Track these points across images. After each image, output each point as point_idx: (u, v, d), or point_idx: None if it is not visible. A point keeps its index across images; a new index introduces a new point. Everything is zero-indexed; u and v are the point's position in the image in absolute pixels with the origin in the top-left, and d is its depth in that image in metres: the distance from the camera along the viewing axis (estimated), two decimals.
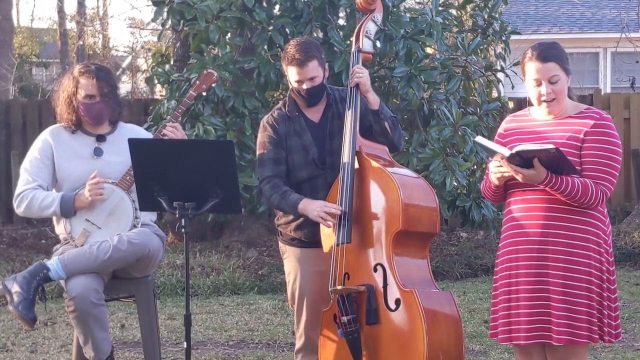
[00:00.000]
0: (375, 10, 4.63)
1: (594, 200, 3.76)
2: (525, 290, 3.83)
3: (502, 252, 3.96)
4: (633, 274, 8.86)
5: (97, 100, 4.68)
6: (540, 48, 3.85)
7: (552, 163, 3.70)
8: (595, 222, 3.82)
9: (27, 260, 9.07)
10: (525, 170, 3.72)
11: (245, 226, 10.05)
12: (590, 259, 3.80)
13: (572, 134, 3.81)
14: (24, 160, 4.79)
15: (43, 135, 4.80)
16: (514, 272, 3.88)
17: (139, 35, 35.01)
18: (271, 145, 4.47)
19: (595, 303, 3.80)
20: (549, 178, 3.72)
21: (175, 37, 9.47)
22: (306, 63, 4.37)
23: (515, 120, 4.03)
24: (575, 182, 3.73)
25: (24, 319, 4.45)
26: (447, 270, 9.00)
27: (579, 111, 3.88)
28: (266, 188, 4.45)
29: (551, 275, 3.79)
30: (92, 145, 4.75)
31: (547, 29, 18.19)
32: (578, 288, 3.78)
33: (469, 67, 8.35)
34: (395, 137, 4.48)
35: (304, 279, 4.50)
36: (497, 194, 3.98)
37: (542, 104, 3.86)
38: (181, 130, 4.71)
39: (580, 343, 3.81)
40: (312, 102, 4.50)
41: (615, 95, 12.38)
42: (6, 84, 16.29)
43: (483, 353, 5.89)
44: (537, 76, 3.82)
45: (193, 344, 6.05)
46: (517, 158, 3.71)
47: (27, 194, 4.67)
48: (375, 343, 4.17)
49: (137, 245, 4.54)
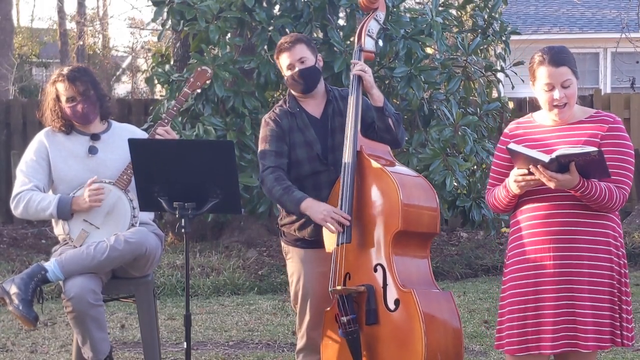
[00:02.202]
0: (378, 9, 4.62)
1: (618, 204, 3.71)
2: (550, 299, 3.73)
3: (515, 260, 3.83)
4: (633, 274, 8.86)
5: (78, 100, 4.68)
6: (552, 52, 3.75)
7: (590, 167, 3.60)
8: (613, 224, 3.78)
9: (27, 260, 9.08)
10: (560, 176, 3.60)
11: (245, 226, 10.05)
12: (612, 262, 3.75)
13: (588, 138, 3.73)
14: (20, 161, 4.80)
15: (38, 136, 4.80)
16: (532, 281, 3.76)
17: (139, 35, 35.10)
18: (273, 138, 4.46)
19: (616, 306, 3.75)
20: (581, 183, 3.63)
21: (175, 37, 9.47)
22: (294, 45, 4.45)
23: (520, 128, 3.92)
24: (603, 187, 3.66)
25: (25, 318, 4.45)
26: (447, 270, 9.00)
27: (589, 115, 3.81)
28: (269, 178, 4.41)
29: (575, 282, 3.71)
30: (87, 144, 4.75)
31: (547, 29, 18.20)
32: (602, 292, 3.73)
33: (469, 67, 8.35)
34: (398, 134, 4.48)
35: (308, 279, 4.49)
36: (511, 204, 3.85)
37: (554, 110, 3.76)
38: (172, 133, 4.69)
39: (605, 347, 3.77)
40: (308, 86, 4.48)
41: (615, 95, 12.38)
42: (6, 84, 16.29)
43: (483, 353, 5.89)
44: (549, 80, 3.73)
45: (193, 344, 6.05)
46: (555, 164, 3.59)
47: (24, 196, 4.67)
48: (375, 343, 4.16)
49: (133, 244, 4.54)
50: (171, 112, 4.80)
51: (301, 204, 4.32)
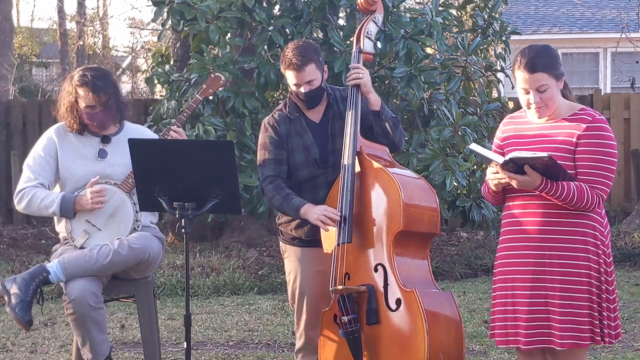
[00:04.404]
0: (376, 11, 4.64)
1: (590, 204, 3.74)
2: (523, 296, 3.81)
3: (500, 254, 3.95)
4: (633, 274, 8.86)
5: (98, 110, 4.67)
6: (529, 56, 3.76)
7: (548, 170, 3.69)
8: (593, 223, 3.81)
9: (27, 260, 9.08)
10: (519, 177, 3.72)
11: (245, 226, 10.05)
12: (590, 261, 3.78)
13: (564, 138, 3.77)
14: (28, 156, 4.80)
15: (49, 132, 4.80)
16: (510, 277, 3.87)
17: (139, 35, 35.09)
18: (272, 145, 4.48)
19: (595, 305, 3.78)
20: (544, 184, 3.71)
21: (175, 38, 9.47)
22: (303, 67, 4.38)
23: (512, 123, 4.00)
24: (571, 187, 3.71)
25: (20, 321, 4.45)
26: (447, 270, 8.99)
27: (572, 113, 3.83)
28: (269, 188, 4.45)
29: (549, 280, 3.78)
30: (97, 147, 4.75)
31: (547, 29, 18.20)
32: (579, 291, 3.76)
33: (469, 68, 8.34)
34: (396, 138, 4.48)
35: (305, 278, 4.50)
36: (496, 198, 3.97)
37: (532, 110, 3.83)
38: (184, 135, 4.72)
39: (583, 346, 3.80)
40: (311, 105, 4.51)
41: (615, 95, 12.37)
42: (6, 84, 16.28)
43: (483, 353, 5.89)
44: (525, 86, 3.78)
45: (193, 344, 6.05)
46: (511, 165, 3.71)
47: (28, 192, 4.67)
48: (376, 343, 4.17)
49: (137, 249, 4.55)
50: (182, 117, 4.81)
51: (300, 210, 4.35)
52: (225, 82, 4.98)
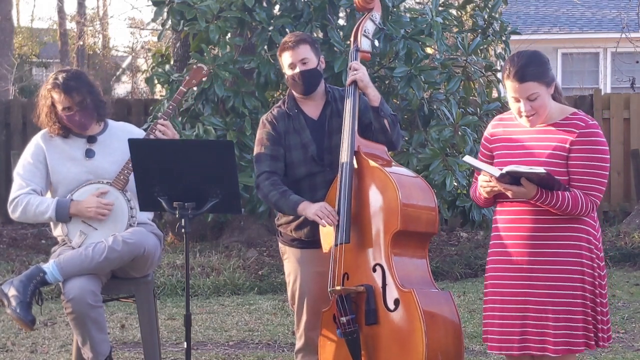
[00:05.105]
0: (374, 10, 4.63)
1: (584, 211, 3.73)
2: (515, 302, 3.80)
3: (491, 259, 3.94)
4: (633, 274, 8.85)
5: (75, 110, 4.66)
6: (518, 65, 3.71)
7: (543, 181, 3.68)
8: (587, 228, 3.79)
9: (27, 260, 9.08)
10: (515, 187, 3.70)
11: (245, 226, 10.05)
12: (584, 266, 3.76)
13: (557, 144, 3.75)
14: (17, 164, 4.78)
15: (35, 139, 4.79)
16: (501, 282, 3.85)
17: (139, 35, 35.10)
18: (269, 141, 4.48)
19: (589, 310, 3.77)
20: (539, 194, 3.69)
21: (175, 37, 9.47)
22: (297, 45, 4.44)
23: (501, 125, 3.95)
24: (566, 195, 3.69)
25: (22, 321, 4.45)
26: (447, 270, 8.99)
27: (564, 117, 3.79)
28: (265, 184, 4.44)
29: (541, 286, 3.76)
30: (84, 147, 4.74)
31: (547, 29, 18.19)
32: (573, 297, 3.75)
33: (469, 67, 8.35)
34: (394, 136, 4.48)
35: (304, 279, 4.50)
36: (486, 203, 3.96)
37: (523, 118, 3.80)
38: (171, 128, 4.68)
39: (577, 352, 3.79)
40: (309, 88, 4.49)
41: (615, 95, 12.37)
42: (6, 84, 16.29)
43: (483, 353, 5.88)
44: (514, 95, 3.75)
45: (193, 344, 6.05)
46: (507, 177, 3.70)
47: (22, 200, 4.66)
48: (375, 343, 4.17)
49: (132, 244, 4.54)
50: (168, 111, 4.79)
51: (298, 207, 4.34)
52: (207, 71, 4.96)
